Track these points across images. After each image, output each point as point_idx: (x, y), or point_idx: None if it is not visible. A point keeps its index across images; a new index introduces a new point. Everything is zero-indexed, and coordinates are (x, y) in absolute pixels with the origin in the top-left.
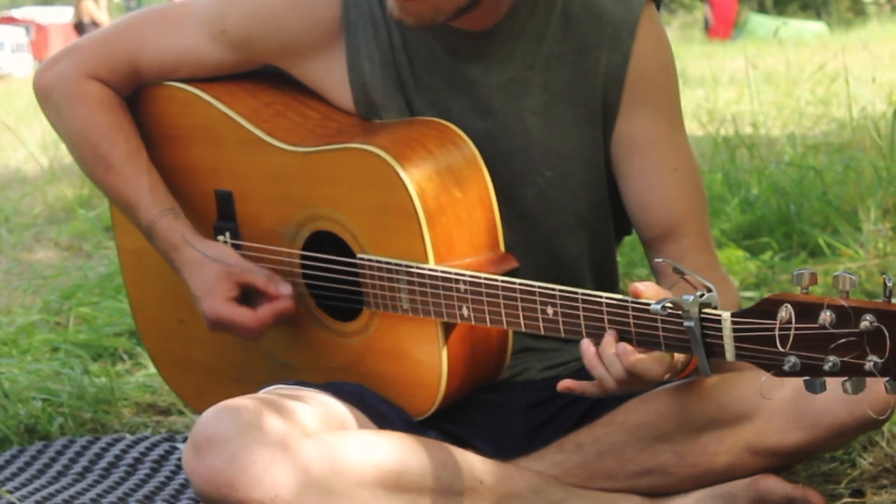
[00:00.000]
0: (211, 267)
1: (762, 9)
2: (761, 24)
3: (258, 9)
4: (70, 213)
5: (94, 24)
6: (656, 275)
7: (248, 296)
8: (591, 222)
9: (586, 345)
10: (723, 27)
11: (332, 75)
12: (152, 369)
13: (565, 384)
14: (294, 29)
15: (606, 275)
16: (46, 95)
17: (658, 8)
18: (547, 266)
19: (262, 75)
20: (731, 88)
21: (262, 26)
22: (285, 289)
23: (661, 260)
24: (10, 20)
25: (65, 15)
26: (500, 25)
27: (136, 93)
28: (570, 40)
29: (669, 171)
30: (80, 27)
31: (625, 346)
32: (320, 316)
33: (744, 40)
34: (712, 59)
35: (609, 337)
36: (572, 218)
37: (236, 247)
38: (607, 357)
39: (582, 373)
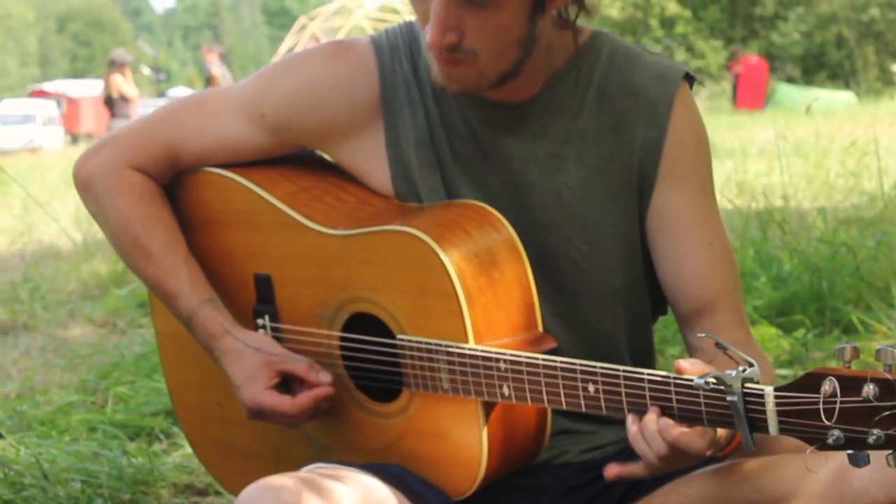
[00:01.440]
0: (251, 356)
1: (790, 79)
2: (789, 94)
3: (296, 91)
4: (104, 290)
5: (123, 98)
6: (691, 351)
7: (287, 384)
8: (626, 298)
9: (630, 421)
10: (751, 97)
11: (370, 154)
12: (187, 449)
13: (613, 471)
14: (333, 110)
15: (643, 351)
16: (86, 185)
17: (691, 85)
18: (584, 342)
19: (299, 159)
20: (760, 160)
21: (300, 109)
22: (325, 376)
23: (703, 335)
24: (42, 93)
25: (95, 88)
26: (537, 98)
27: (174, 178)
28: (606, 116)
29: (704, 245)
30: (109, 101)
31: (666, 421)
32: (360, 397)
33: (773, 110)
34: (741, 129)
35: (652, 413)
36: (608, 293)
37: (275, 329)
38: (649, 433)
39: (620, 455)
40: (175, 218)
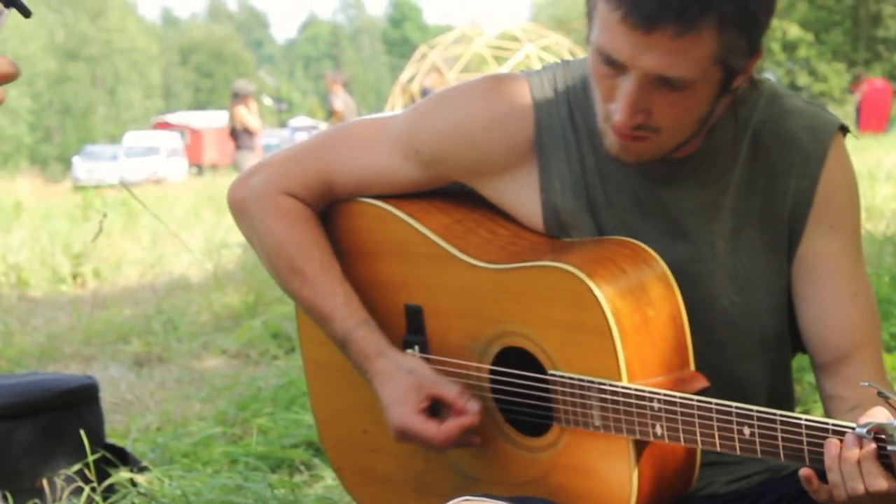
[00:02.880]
0: (403, 378)
1: None
2: None
3: (452, 130)
4: (236, 321)
5: (247, 130)
6: (826, 398)
7: (436, 409)
8: (773, 349)
9: (832, 445)
10: (875, 120)
11: (522, 195)
12: (331, 480)
13: (807, 473)
14: (488, 150)
15: (782, 398)
16: (241, 209)
17: (844, 135)
18: (730, 392)
19: (451, 191)
20: (888, 184)
21: (455, 147)
22: (473, 405)
23: (866, 384)
24: (165, 125)
25: (218, 119)
26: (697, 151)
27: (327, 208)
28: (759, 167)
29: (850, 296)
30: (234, 133)
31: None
32: (508, 430)
33: None
34: (865, 153)
35: (854, 447)
36: (757, 345)
37: (425, 360)
38: (847, 467)
39: (767, 485)
40: (329, 242)
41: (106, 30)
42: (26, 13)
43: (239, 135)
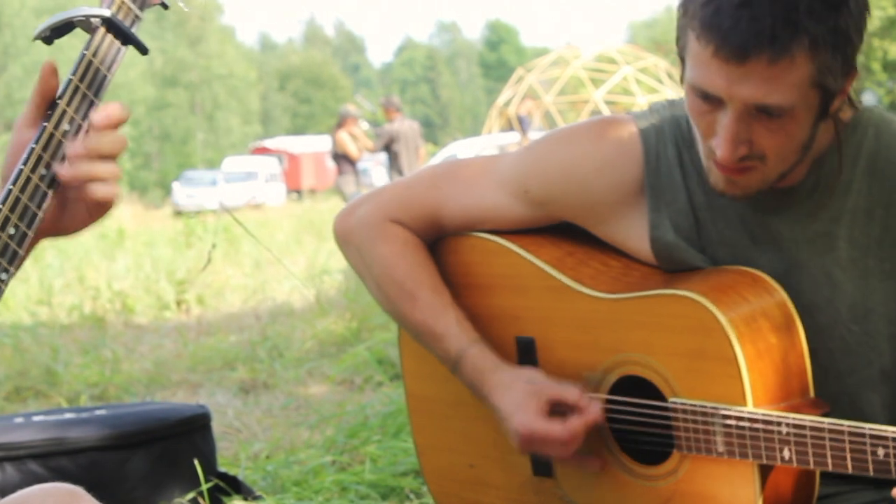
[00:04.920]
0: (521, 387)
1: None
2: None
3: (562, 172)
4: (339, 348)
5: (346, 156)
6: None
7: (557, 413)
8: (894, 378)
9: None
10: None
11: (632, 233)
12: None
13: None
14: (598, 191)
15: None
16: (347, 238)
17: None
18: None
19: (559, 227)
20: None
21: (565, 188)
22: (595, 405)
23: None
24: (264, 150)
25: (316, 144)
26: (805, 181)
27: (436, 241)
28: (876, 194)
29: None
30: (336, 158)
31: None
32: (624, 459)
33: None
34: None
35: None
36: (877, 374)
37: None
38: None
39: None
40: (437, 268)
41: (205, 56)
42: (143, 50)
43: (339, 160)
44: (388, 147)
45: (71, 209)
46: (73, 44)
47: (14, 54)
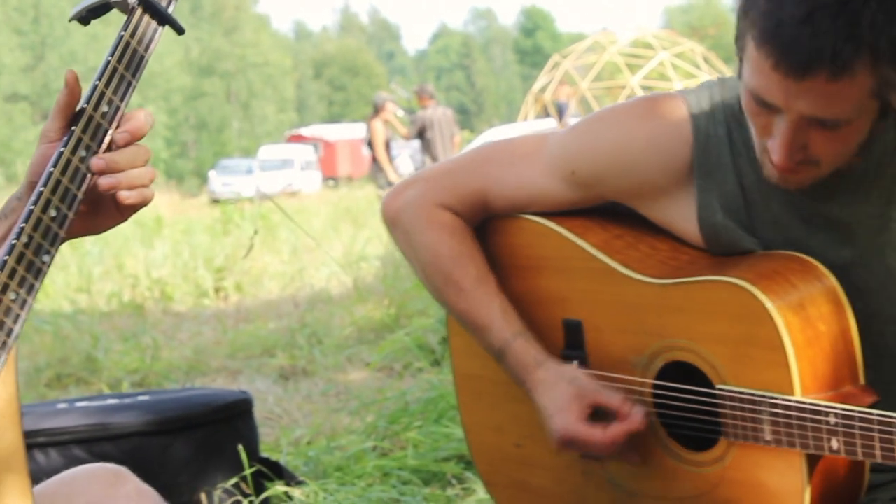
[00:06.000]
0: (564, 387)
1: None
2: None
3: (609, 153)
4: (378, 334)
5: (383, 145)
6: None
7: (599, 418)
8: None
9: None
10: None
11: (680, 214)
12: (482, 494)
13: None
14: (646, 171)
15: None
16: (395, 221)
17: None
18: None
19: (607, 208)
20: None
21: (613, 169)
22: (638, 410)
23: None
24: (299, 138)
25: (352, 131)
26: (857, 164)
27: (484, 223)
28: None
29: None
30: (371, 145)
31: None
32: (671, 445)
33: None
34: None
35: None
36: None
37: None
38: None
39: None
40: (484, 255)
41: (240, 45)
42: (180, 30)
43: (373, 147)
44: (422, 134)
45: (103, 209)
46: (108, 33)
47: (51, 44)
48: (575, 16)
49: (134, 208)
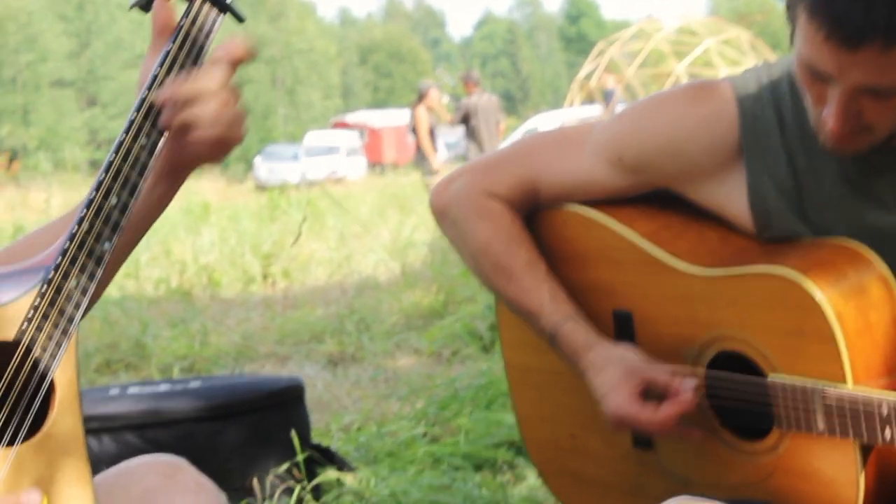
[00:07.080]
0: (616, 366)
1: None
2: None
3: (657, 137)
4: (426, 321)
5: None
6: None
7: (651, 395)
8: None
9: None
10: None
11: (730, 197)
12: (534, 480)
13: None
14: (694, 155)
15: None
16: (444, 212)
17: None
18: None
19: (655, 196)
20: None
21: (660, 154)
22: (689, 384)
23: None
24: (344, 125)
25: (397, 118)
26: None
27: (533, 214)
28: None
29: None
30: (414, 132)
31: None
32: (724, 434)
33: None
34: None
35: None
36: None
37: None
38: None
39: None
40: (534, 241)
41: (285, 31)
42: (240, 18)
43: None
44: (467, 121)
45: (186, 147)
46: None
47: (97, 31)
48: (620, 3)
49: (220, 146)
